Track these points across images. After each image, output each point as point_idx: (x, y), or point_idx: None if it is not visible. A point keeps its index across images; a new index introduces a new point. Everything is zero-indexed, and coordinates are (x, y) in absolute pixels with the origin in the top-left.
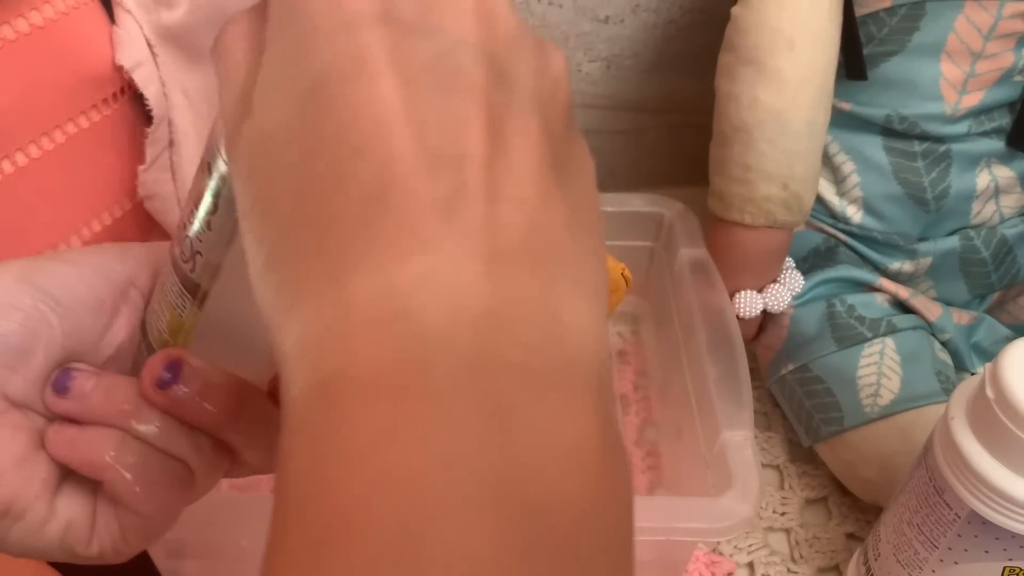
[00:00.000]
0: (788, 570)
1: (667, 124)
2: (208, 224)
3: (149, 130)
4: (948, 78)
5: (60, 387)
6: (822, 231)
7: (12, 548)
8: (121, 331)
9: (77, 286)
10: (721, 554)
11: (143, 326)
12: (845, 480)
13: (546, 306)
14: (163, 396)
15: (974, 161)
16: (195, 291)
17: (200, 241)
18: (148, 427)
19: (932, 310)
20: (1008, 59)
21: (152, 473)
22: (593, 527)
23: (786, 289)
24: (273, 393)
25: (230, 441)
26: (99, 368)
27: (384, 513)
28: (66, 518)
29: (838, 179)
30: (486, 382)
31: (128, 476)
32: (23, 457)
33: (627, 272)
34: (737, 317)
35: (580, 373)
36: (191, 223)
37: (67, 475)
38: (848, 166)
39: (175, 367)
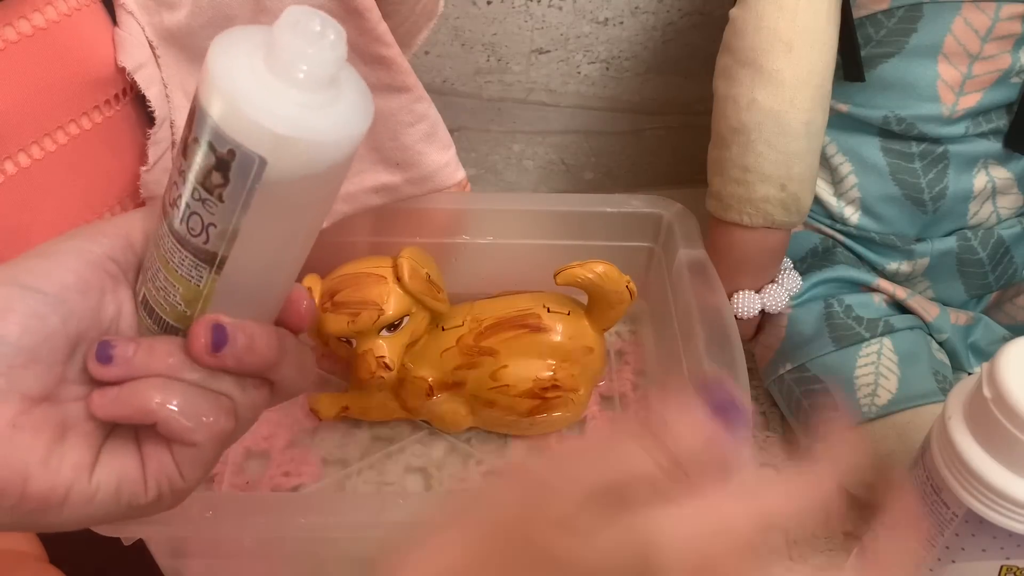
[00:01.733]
0: (786, 569)
1: (666, 125)
2: (220, 196)
3: (151, 131)
4: (946, 79)
5: (104, 357)
6: (820, 232)
7: (73, 526)
8: (111, 305)
9: (61, 275)
10: None
11: (144, 304)
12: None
13: None
14: (215, 359)
15: (971, 162)
16: (212, 260)
17: (211, 213)
18: (193, 375)
19: (929, 310)
20: (1005, 61)
21: (199, 408)
22: None
23: (784, 289)
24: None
25: (270, 377)
26: None
27: None
28: (114, 482)
29: (836, 180)
30: None
31: (176, 411)
32: (48, 453)
33: (631, 284)
34: (735, 317)
35: None
36: (195, 198)
37: (101, 446)
38: (846, 167)
39: (220, 332)
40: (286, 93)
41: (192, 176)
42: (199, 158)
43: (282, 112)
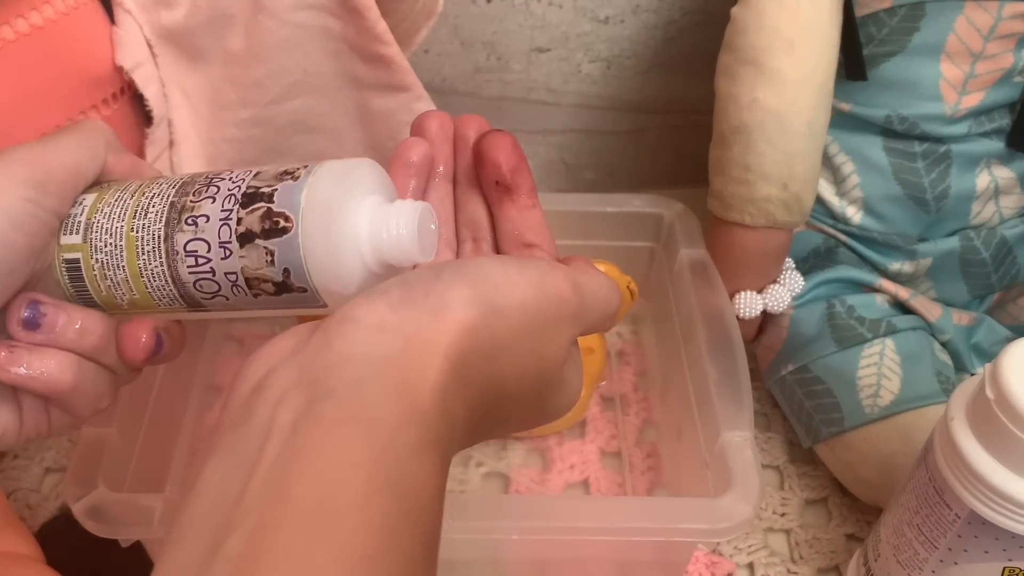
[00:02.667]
0: (788, 571)
1: (667, 124)
2: (256, 296)
3: (149, 130)
4: (948, 79)
5: (32, 323)
6: (822, 232)
7: None
8: (34, 260)
9: None
10: (721, 555)
11: (71, 270)
12: (845, 481)
13: None
14: (143, 362)
15: (974, 162)
16: (197, 308)
17: (235, 296)
18: (107, 359)
19: (932, 311)
20: (1008, 60)
21: (100, 388)
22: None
23: (786, 290)
24: None
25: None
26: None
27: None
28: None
29: (838, 180)
30: None
31: (83, 393)
32: None
33: (633, 285)
34: (737, 318)
35: None
36: (229, 280)
37: None
38: (848, 167)
39: (157, 343)
40: (365, 264)
41: (239, 268)
42: (263, 267)
43: (357, 281)
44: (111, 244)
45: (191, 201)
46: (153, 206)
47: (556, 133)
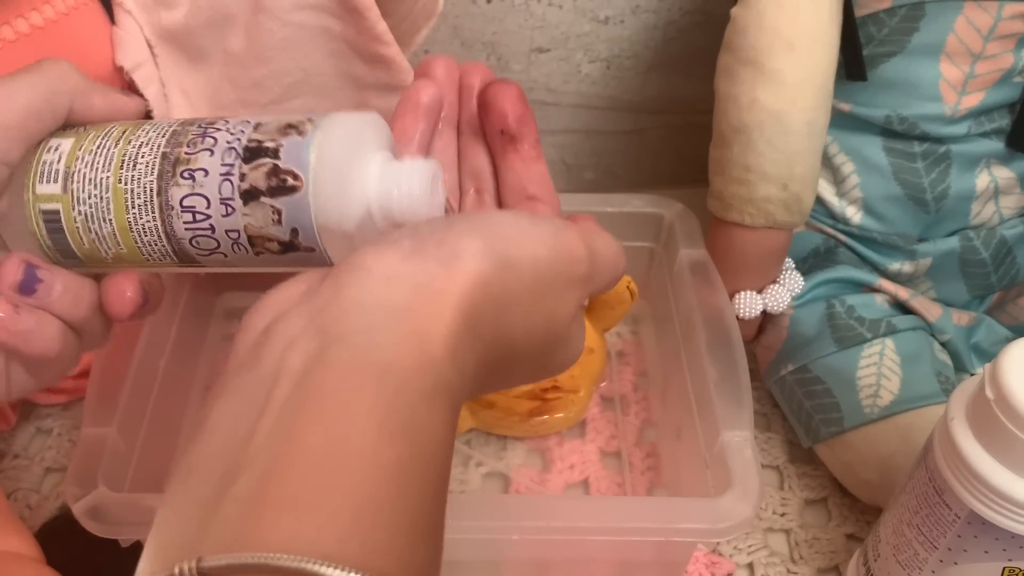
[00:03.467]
0: (788, 571)
1: (667, 125)
2: (258, 254)
3: None
4: (948, 79)
5: (27, 288)
6: (822, 232)
7: None
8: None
9: None
10: (721, 555)
11: (50, 221)
12: (845, 481)
13: None
14: (131, 315)
15: (974, 162)
16: (190, 264)
17: (234, 254)
18: (93, 325)
19: (932, 311)
20: (1008, 60)
21: (75, 353)
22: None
23: (786, 290)
24: None
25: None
26: None
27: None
28: None
29: (838, 180)
30: None
31: (64, 360)
32: None
33: (632, 285)
34: (737, 318)
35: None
36: (230, 237)
37: None
38: (848, 167)
39: (143, 295)
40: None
41: (242, 226)
42: (268, 226)
43: (367, 240)
44: (96, 196)
45: (186, 152)
46: (143, 156)
47: (556, 133)
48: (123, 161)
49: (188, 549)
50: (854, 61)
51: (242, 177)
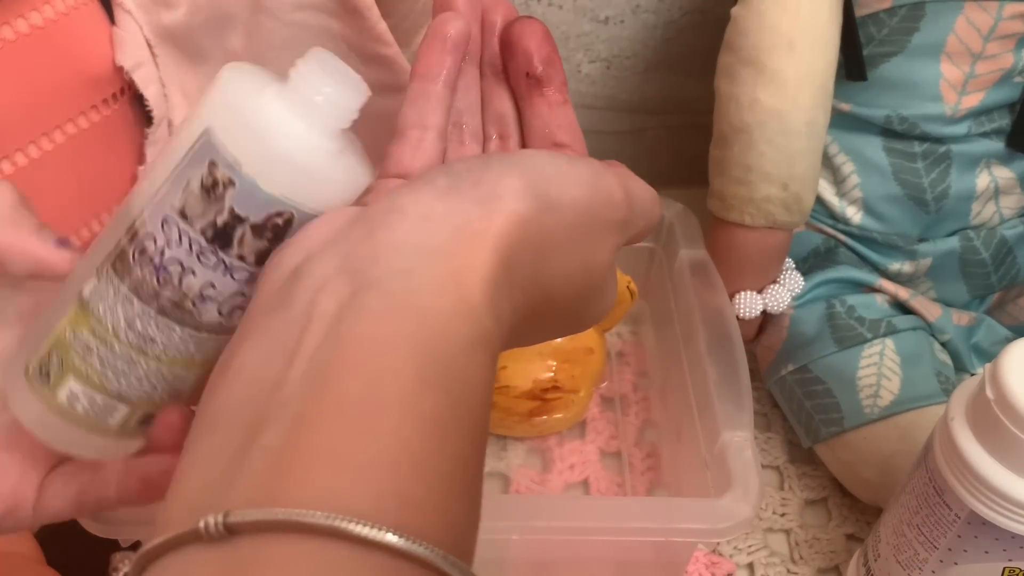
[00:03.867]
0: (788, 571)
1: (667, 125)
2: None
3: (149, 131)
4: (948, 79)
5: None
6: (822, 232)
7: None
8: None
9: None
10: (721, 555)
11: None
12: (845, 481)
13: None
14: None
15: (974, 162)
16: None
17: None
18: None
19: (932, 311)
20: (1008, 60)
21: None
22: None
23: (786, 290)
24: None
25: None
26: None
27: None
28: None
29: (838, 180)
30: None
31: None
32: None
33: (632, 285)
34: (737, 318)
35: None
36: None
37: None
38: (848, 167)
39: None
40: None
41: (236, 256)
42: (248, 244)
43: (335, 177)
44: (126, 365)
45: (156, 279)
46: (133, 323)
47: None
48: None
49: (214, 502)
50: (854, 61)
51: (200, 233)
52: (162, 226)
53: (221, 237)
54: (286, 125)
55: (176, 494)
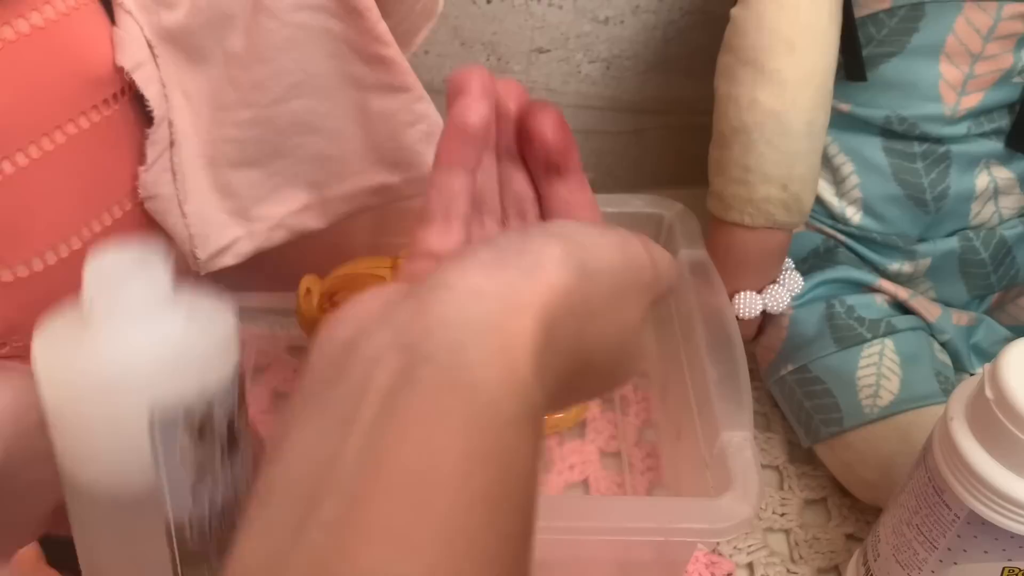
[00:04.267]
0: (788, 570)
1: (667, 125)
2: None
3: (150, 131)
4: (947, 79)
5: None
6: (821, 232)
7: None
8: None
9: None
10: (720, 554)
11: None
12: (844, 481)
13: None
14: None
15: (973, 162)
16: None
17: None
18: None
19: (931, 311)
20: (1007, 60)
21: None
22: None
23: (785, 290)
24: None
25: None
26: None
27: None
28: None
29: (837, 180)
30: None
31: None
32: None
33: None
34: (737, 318)
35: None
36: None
37: None
38: (847, 167)
39: None
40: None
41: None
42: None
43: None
44: None
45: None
46: None
47: None
48: None
49: (267, 568)
50: (854, 61)
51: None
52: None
53: (230, 444)
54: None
55: (235, 569)
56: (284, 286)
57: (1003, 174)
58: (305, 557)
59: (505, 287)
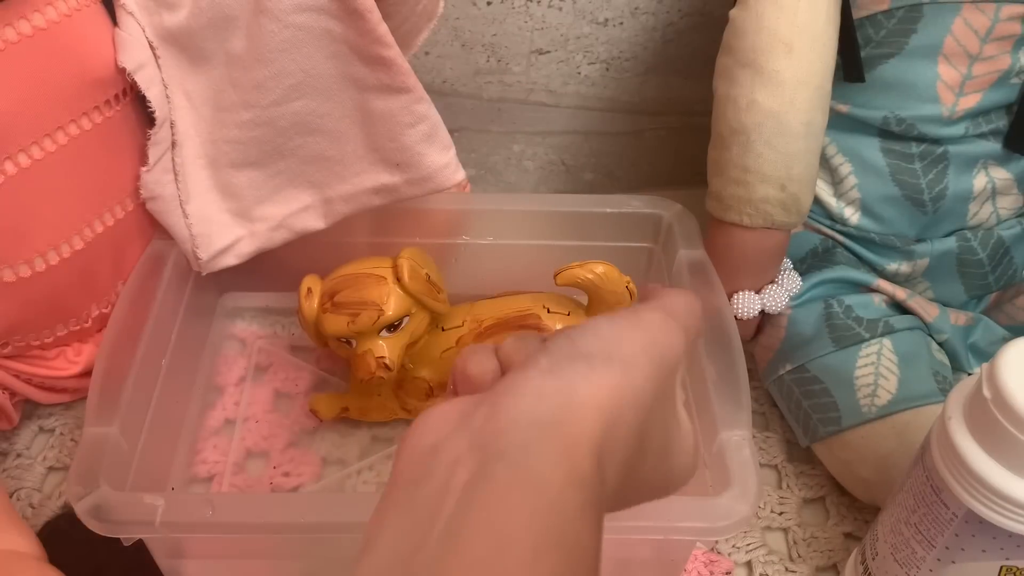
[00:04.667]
0: (786, 569)
1: (666, 126)
2: None
3: (151, 132)
4: (945, 80)
5: None
6: (820, 232)
7: None
8: None
9: None
10: (719, 553)
11: None
12: (843, 480)
13: None
14: None
15: (971, 163)
16: None
17: None
18: None
19: (929, 311)
20: (1005, 61)
21: None
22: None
23: (784, 290)
24: None
25: None
26: None
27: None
28: None
29: (836, 181)
30: None
31: None
32: None
33: (632, 286)
34: (735, 318)
35: None
36: None
37: None
38: (846, 168)
39: None
40: None
41: None
42: None
43: None
44: None
45: None
46: None
47: (555, 134)
48: None
49: None
50: (852, 62)
51: None
52: None
53: None
54: None
55: None
56: (285, 286)
57: (1001, 175)
58: None
59: (563, 390)
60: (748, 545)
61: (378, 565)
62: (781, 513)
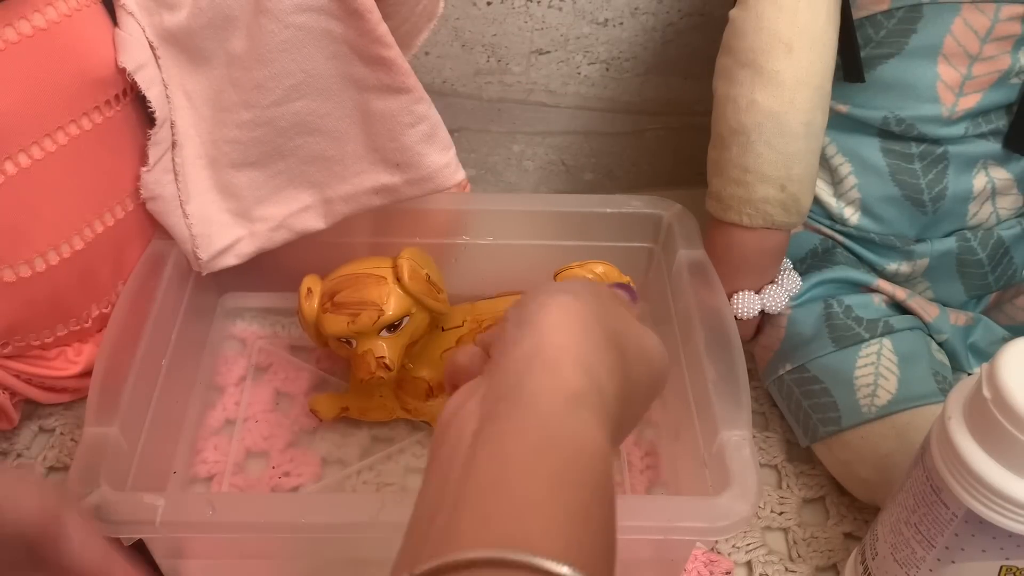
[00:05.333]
0: (786, 569)
1: (665, 126)
2: None
3: (151, 132)
4: (945, 80)
5: None
6: (820, 232)
7: None
8: None
9: None
10: (719, 553)
11: None
12: (843, 480)
13: None
14: None
15: (971, 163)
16: None
17: None
18: None
19: (929, 311)
20: (1005, 61)
21: None
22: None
23: (784, 290)
24: None
25: None
26: None
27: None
28: None
29: (835, 181)
30: None
31: None
32: None
33: (632, 284)
34: (735, 318)
35: None
36: None
37: None
38: (845, 168)
39: None
40: None
41: None
42: None
43: None
44: None
45: None
46: None
47: (555, 135)
48: None
49: (407, 568)
50: (852, 63)
51: None
52: None
53: None
54: None
55: (392, 571)
56: (285, 286)
57: (1001, 175)
58: (427, 550)
59: (533, 326)
60: (748, 545)
61: (421, 506)
62: (781, 513)
